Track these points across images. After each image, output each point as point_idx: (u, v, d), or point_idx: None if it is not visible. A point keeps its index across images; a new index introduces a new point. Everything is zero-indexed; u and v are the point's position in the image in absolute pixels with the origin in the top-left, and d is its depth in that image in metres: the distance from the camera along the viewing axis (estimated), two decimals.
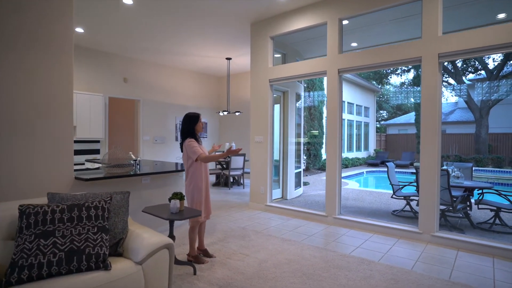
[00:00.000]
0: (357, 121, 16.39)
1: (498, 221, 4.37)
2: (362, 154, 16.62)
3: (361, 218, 4.47)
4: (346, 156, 14.52)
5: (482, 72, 15.21)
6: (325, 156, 4.76)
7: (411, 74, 19.85)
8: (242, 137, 9.33)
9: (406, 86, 21.89)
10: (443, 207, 4.33)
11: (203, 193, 3.12)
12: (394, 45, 4.12)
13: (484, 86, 14.36)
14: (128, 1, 4.60)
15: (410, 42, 3.97)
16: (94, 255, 1.85)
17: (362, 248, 3.62)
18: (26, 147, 2.83)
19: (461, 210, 4.48)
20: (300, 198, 6.45)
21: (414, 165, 13.53)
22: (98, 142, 7.16)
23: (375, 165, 14.35)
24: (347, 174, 11.07)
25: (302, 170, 7.11)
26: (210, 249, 3.47)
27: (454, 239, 3.64)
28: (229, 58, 7.76)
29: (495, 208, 4.32)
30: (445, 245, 3.67)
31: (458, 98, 18.23)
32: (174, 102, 8.88)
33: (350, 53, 4.52)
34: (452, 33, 3.68)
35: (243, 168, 7.70)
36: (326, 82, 4.76)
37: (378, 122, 22.75)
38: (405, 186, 5.33)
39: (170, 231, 2.79)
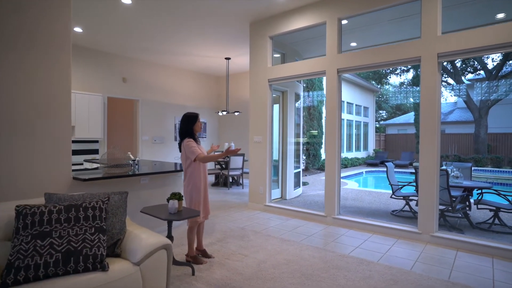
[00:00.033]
0: (356, 121, 16.39)
1: (497, 221, 4.37)
2: (361, 154, 16.63)
3: (360, 218, 4.46)
4: (346, 156, 14.52)
5: (481, 72, 15.21)
6: (324, 156, 4.75)
7: (410, 74, 19.86)
8: (241, 137, 9.32)
9: (405, 86, 21.89)
10: (443, 207, 4.32)
11: (202, 193, 3.10)
12: (393, 45, 4.11)
13: (483, 86, 14.37)
14: (126, 0, 4.59)
15: (409, 42, 3.97)
16: (91, 256, 1.84)
17: (361, 248, 3.62)
18: (24, 147, 2.81)
19: (460, 210, 4.47)
20: (299, 198, 6.44)
21: (413, 165, 13.52)
22: (97, 142, 7.14)
23: (375, 165, 14.35)
24: (347, 174, 11.07)
25: (301, 170, 7.10)
26: (209, 249, 3.46)
27: (454, 239, 3.63)
28: (228, 58, 7.75)
29: (494, 208, 4.31)
30: (444, 245, 3.67)
31: (457, 98, 18.25)
32: (173, 102, 8.87)
33: (349, 53, 4.51)
34: (451, 33, 3.67)
35: (242, 168, 7.69)
36: (325, 82, 4.75)
37: (377, 122, 22.75)
38: (404, 186, 5.32)
39: (169, 232, 2.78)
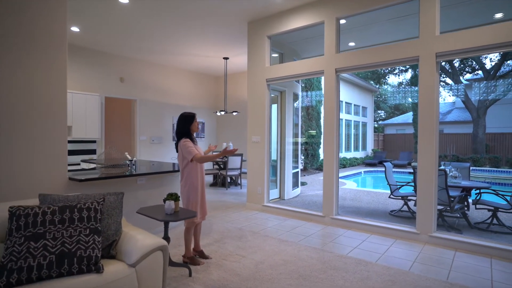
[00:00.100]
0: (355, 121, 16.39)
1: (495, 221, 4.36)
2: (360, 154, 16.63)
3: (358, 219, 4.44)
4: (344, 156, 14.51)
5: (480, 72, 15.24)
6: (322, 156, 4.73)
7: (409, 74, 19.89)
8: (240, 137, 9.30)
9: (403, 86, 21.93)
10: (441, 207, 4.31)
11: (199, 193, 3.08)
12: (392, 44, 4.10)
13: (481, 86, 14.40)
14: (124, 0, 4.56)
15: (408, 41, 3.95)
16: (86, 258, 1.81)
17: (359, 248, 3.60)
18: (18, 147, 2.78)
19: (458, 210, 4.47)
20: (297, 198, 6.43)
21: (412, 165, 13.52)
22: (94, 142, 7.10)
23: (373, 165, 14.35)
24: (345, 174, 11.06)
25: (299, 170, 7.09)
26: (206, 250, 3.43)
27: (452, 240, 3.62)
28: (226, 58, 7.72)
29: (493, 208, 4.31)
30: (442, 245, 3.66)
31: (455, 98, 18.29)
32: (171, 102, 8.83)
33: (347, 52, 4.49)
34: (449, 32, 3.66)
35: (241, 168, 7.67)
36: (323, 82, 4.73)
37: (376, 122, 22.76)
38: (402, 186, 5.32)
39: (165, 233, 2.75)
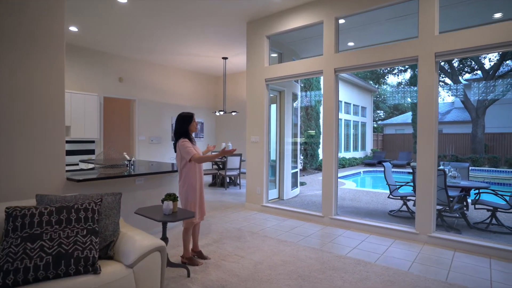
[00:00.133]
0: (354, 121, 16.39)
1: (494, 221, 4.36)
2: (359, 154, 16.63)
3: (357, 219, 4.44)
4: (343, 156, 14.50)
5: (479, 72, 15.26)
6: (322, 156, 4.73)
7: (408, 74, 19.89)
8: (239, 137, 9.28)
9: (403, 86, 21.94)
10: (440, 207, 4.31)
11: (197, 194, 3.07)
12: (391, 44, 4.09)
13: (480, 86, 14.41)
14: (122, 0, 4.55)
15: (407, 41, 3.95)
16: (83, 259, 1.80)
17: (358, 249, 3.59)
18: (15, 148, 2.77)
19: (457, 210, 4.46)
20: (296, 199, 6.42)
21: (411, 165, 13.54)
22: (93, 142, 7.08)
23: (372, 165, 14.35)
24: (344, 174, 11.06)
25: (299, 170, 7.08)
26: (205, 250, 3.42)
27: (451, 240, 3.62)
28: (225, 58, 7.71)
29: (492, 208, 4.30)
30: (442, 245, 3.65)
31: (454, 98, 18.30)
32: (170, 102, 8.82)
33: (346, 52, 4.49)
34: (448, 32, 3.65)
35: (240, 168, 7.66)
36: (322, 82, 4.72)
37: (375, 122, 22.77)
38: (401, 186, 5.31)
39: (163, 233, 2.74)
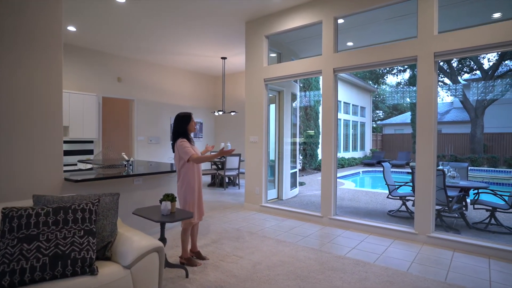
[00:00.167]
0: (353, 121, 16.39)
1: (493, 221, 4.36)
2: (358, 154, 16.63)
3: (356, 219, 4.43)
4: (343, 156, 14.50)
5: (478, 72, 15.27)
6: (321, 156, 4.72)
7: (407, 74, 19.90)
8: (238, 137, 9.27)
9: (402, 86, 21.96)
10: (439, 207, 4.30)
11: (196, 194, 3.06)
12: (390, 44, 4.08)
13: (479, 86, 14.43)
14: None
15: (406, 41, 3.94)
16: (80, 260, 1.79)
17: (357, 249, 3.59)
18: (13, 148, 2.75)
19: (456, 210, 4.46)
20: (295, 199, 6.41)
21: (410, 165, 13.55)
22: (91, 142, 7.07)
23: (371, 165, 14.35)
24: (343, 174, 11.05)
25: (298, 170, 7.07)
26: (204, 251, 3.41)
27: (450, 240, 3.61)
28: (224, 58, 7.70)
29: (491, 208, 4.30)
30: (441, 245, 3.65)
31: (453, 98, 18.31)
32: (169, 102, 8.80)
33: (345, 52, 4.48)
34: (447, 32, 3.65)
35: (239, 168, 7.64)
36: (321, 82, 4.72)
37: (374, 122, 22.79)
38: (401, 186, 5.30)
39: (161, 234, 2.73)
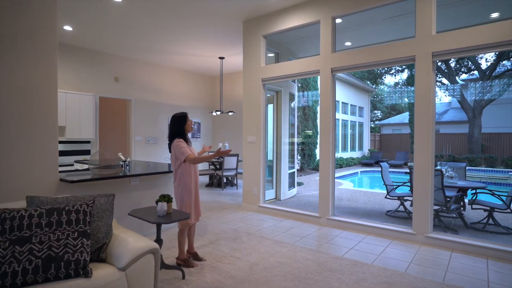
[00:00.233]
0: (351, 121, 16.40)
1: (491, 221, 4.35)
2: (356, 154, 16.64)
3: (354, 219, 4.42)
4: (341, 156, 14.51)
5: (475, 72, 15.31)
6: (319, 156, 4.71)
7: (405, 74, 19.95)
8: (236, 137, 9.25)
9: (400, 86, 22.00)
10: (437, 208, 4.30)
11: (193, 194, 3.03)
12: (388, 44, 4.07)
13: (477, 86, 14.45)
14: None
15: (404, 41, 3.93)
16: (74, 262, 1.76)
17: (355, 250, 3.57)
18: (7, 148, 2.72)
19: (454, 210, 4.45)
20: (294, 199, 6.39)
21: (408, 165, 13.55)
22: (88, 142, 7.03)
23: (370, 165, 14.36)
24: (341, 174, 11.05)
25: (296, 170, 7.05)
26: (201, 252, 3.38)
27: (448, 240, 3.60)
28: (222, 58, 7.67)
29: (489, 208, 4.30)
30: (439, 246, 3.64)
31: (451, 98, 18.35)
32: (167, 102, 8.76)
33: (343, 52, 4.46)
34: (445, 32, 3.64)
35: (237, 168, 7.62)
36: (319, 82, 4.70)
37: (372, 122, 22.80)
38: (399, 186, 5.29)
39: (157, 235, 2.70)
